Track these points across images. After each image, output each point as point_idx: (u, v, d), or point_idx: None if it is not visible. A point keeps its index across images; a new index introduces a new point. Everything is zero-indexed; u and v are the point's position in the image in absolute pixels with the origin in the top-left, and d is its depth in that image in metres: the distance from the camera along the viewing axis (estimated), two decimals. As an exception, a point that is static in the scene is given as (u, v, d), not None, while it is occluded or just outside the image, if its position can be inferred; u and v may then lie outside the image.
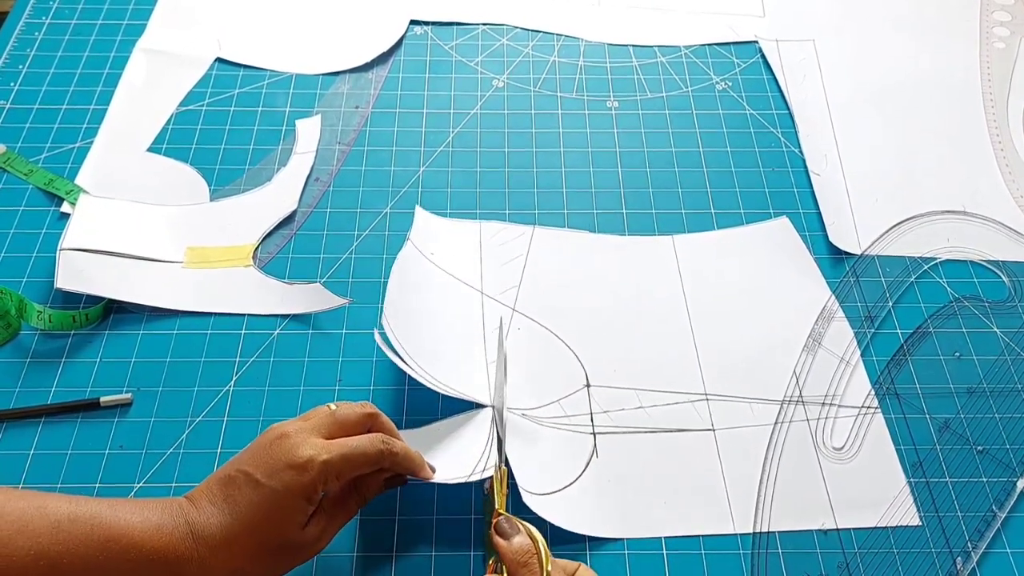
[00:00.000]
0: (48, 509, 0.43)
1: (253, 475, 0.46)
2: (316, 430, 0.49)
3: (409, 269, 0.67)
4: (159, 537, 0.44)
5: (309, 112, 0.81)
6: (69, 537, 0.43)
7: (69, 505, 0.44)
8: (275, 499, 0.46)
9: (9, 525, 0.42)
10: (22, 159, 0.76)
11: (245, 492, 0.46)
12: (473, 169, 0.77)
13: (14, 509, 0.43)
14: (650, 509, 0.57)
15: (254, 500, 0.46)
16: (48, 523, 0.43)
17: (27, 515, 0.43)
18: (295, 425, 0.49)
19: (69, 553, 0.42)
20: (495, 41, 0.88)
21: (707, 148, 0.79)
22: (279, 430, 0.49)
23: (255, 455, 0.48)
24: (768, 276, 0.70)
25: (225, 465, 0.49)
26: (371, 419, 0.52)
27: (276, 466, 0.47)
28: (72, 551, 0.42)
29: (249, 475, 0.46)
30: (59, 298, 0.66)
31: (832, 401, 0.62)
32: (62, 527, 0.43)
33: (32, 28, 0.87)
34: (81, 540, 0.43)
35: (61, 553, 0.42)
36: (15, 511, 0.43)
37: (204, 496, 0.47)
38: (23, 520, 0.42)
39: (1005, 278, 0.70)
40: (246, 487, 0.46)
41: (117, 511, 0.45)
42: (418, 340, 0.62)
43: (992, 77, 0.86)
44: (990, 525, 0.56)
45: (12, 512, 0.43)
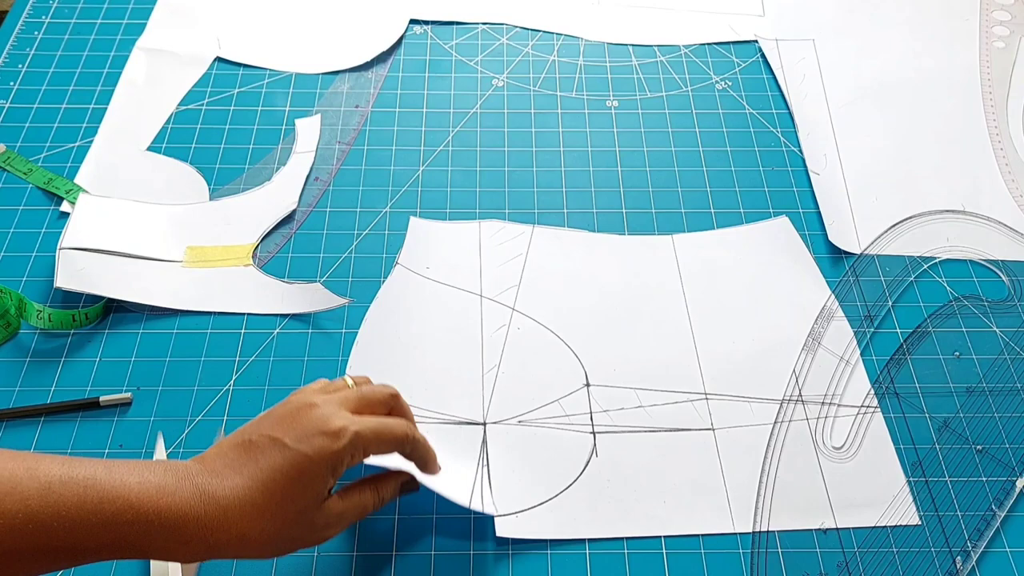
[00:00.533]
0: (39, 471, 0.41)
1: (280, 439, 0.45)
2: (343, 403, 0.48)
3: (395, 298, 0.67)
4: (160, 497, 0.42)
5: (309, 111, 0.81)
6: (60, 499, 0.41)
7: (62, 467, 0.42)
8: (303, 463, 0.44)
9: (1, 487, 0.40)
10: (22, 158, 0.76)
11: (269, 455, 0.45)
12: (473, 168, 0.77)
13: (3, 470, 0.41)
14: (650, 508, 0.57)
15: (278, 463, 0.44)
16: (38, 484, 0.41)
17: (16, 476, 0.41)
18: (320, 396, 0.48)
19: (60, 516, 0.40)
20: (495, 40, 0.88)
21: (707, 147, 0.79)
22: (305, 399, 0.48)
23: (280, 421, 0.46)
24: (768, 275, 0.70)
25: (239, 432, 0.47)
26: (394, 400, 0.51)
27: (306, 432, 0.45)
28: (63, 514, 0.40)
29: (276, 439, 0.45)
30: (59, 297, 0.66)
31: (832, 400, 0.62)
32: (53, 489, 0.41)
33: (32, 27, 0.87)
34: (73, 502, 0.41)
35: (52, 516, 0.40)
36: (4, 472, 0.41)
37: (217, 459, 0.45)
38: (12, 482, 0.40)
39: (1004, 277, 0.70)
40: (271, 450, 0.45)
41: (113, 472, 0.42)
42: (399, 373, 0.62)
43: (992, 77, 0.86)
44: (989, 524, 0.56)
45: (1, 473, 0.40)
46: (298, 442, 0.45)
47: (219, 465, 0.45)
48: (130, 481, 0.42)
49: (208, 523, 0.43)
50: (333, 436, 0.45)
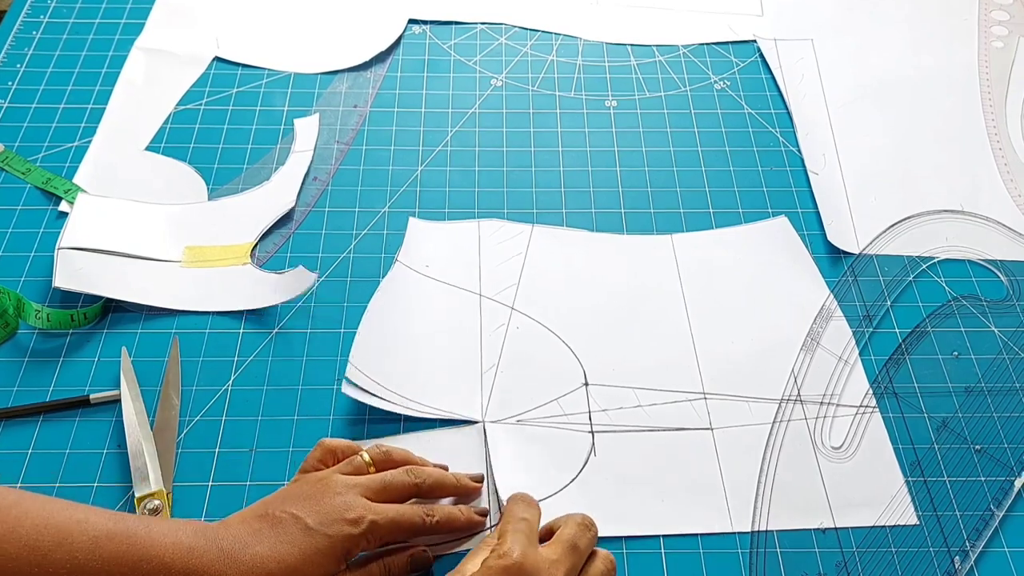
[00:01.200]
0: (88, 524, 0.45)
1: (303, 519, 0.48)
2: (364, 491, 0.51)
3: (393, 295, 0.67)
4: (190, 559, 0.46)
5: (307, 111, 0.81)
6: (105, 554, 0.44)
7: (107, 522, 0.45)
8: (322, 544, 0.48)
9: (50, 538, 0.43)
10: (20, 158, 0.76)
11: (290, 531, 0.48)
12: (471, 168, 0.77)
13: (55, 522, 0.44)
14: (648, 508, 0.57)
15: (298, 540, 0.48)
16: (87, 539, 0.44)
17: (67, 528, 0.44)
18: (343, 481, 0.51)
19: (104, 571, 0.44)
20: (493, 40, 0.88)
21: (705, 147, 0.79)
22: (329, 483, 0.51)
23: (304, 501, 0.49)
24: (766, 275, 0.70)
25: (262, 504, 0.50)
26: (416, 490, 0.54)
27: (328, 517, 0.49)
28: (107, 569, 0.44)
29: (299, 518, 0.48)
30: (57, 297, 0.66)
31: (830, 400, 0.62)
32: (100, 544, 0.44)
33: (30, 27, 0.87)
34: (116, 558, 0.44)
35: (97, 570, 0.44)
36: (55, 524, 0.44)
37: (241, 526, 0.49)
38: (63, 534, 0.44)
39: (1003, 277, 0.70)
40: (292, 527, 0.48)
41: (152, 531, 0.46)
42: (399, 370, 0.63)
43: (990, 76, 0.86)
44: (988, 524, 0.57)
45: (53, 525, 0.44)
46: (319, 524, 0.48)
47: (242, 532, 0.48)
48: (165, 542, 0.46)
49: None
50: (352, 523, 0.49)
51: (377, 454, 0.54)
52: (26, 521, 0.43)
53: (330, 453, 0.55)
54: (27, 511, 0.44)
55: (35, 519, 0.44)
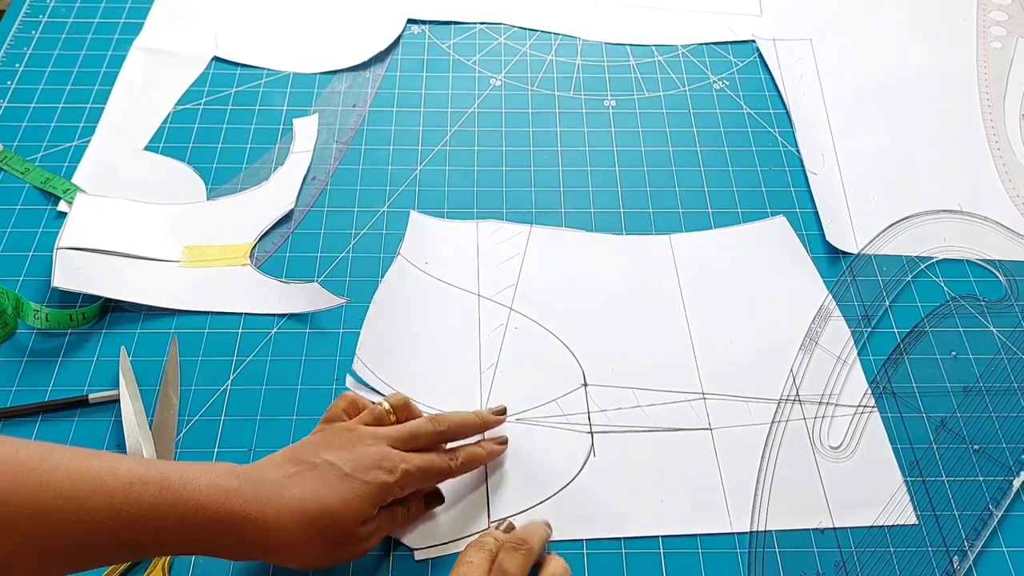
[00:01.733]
0: (121, 471, 0.44)
1: (339, 466, 0.49)
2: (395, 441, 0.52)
3: (396, 289, 0.67)
4: (227, 500, 0.46)
5: (306, 111, 0.81)
6: (140, 499, 0.44)
7: (140, 468, 0.45)
8: (360, 491, 0.49)
9: (86, 484, 0.43)
10: (19, 157, 0.76)
11: (330, 478, 0.49)
12: (470, 168, 0.77)
13: (89, 468, 0.44)
14: (647, 508, 0.57)
15: (338, 487, 0.48)
16: (122, 485, 0.44)
17: (100, 476, 0.44)
18: (372, 431, 0.53)
19: (140, 515, 0.44)
20: (492, 40, 0.88)
21: (704, 147, 0.79)
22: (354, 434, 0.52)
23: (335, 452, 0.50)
24: (765, 275, 0.70)
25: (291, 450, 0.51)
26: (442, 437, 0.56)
27: (364, 464, 0.50)
28: (143, 512, 0.44)
29: (335, 465, 0.49)
30: (56, 297, 0.66)
31: (829, 400, 0.62)
32: (135, 489, 0.44)
33: (29, 27, 0.87)
34: (151, 502, 0.44)
35: (133, 514, 0.44)
36: (90, 470, 0.44)
37: (277, 469, 0.49)
38: (98, 480, 0.43)
39: (1002, 277, 0.70)
40: (331, 474, 0.49)
41: (185, 475, 0.46)
42: (399, 369, 0.63)
43: (989, 77, 0.86)
44: (986, 524, 0.57)
45: (87, 472, 0.44)
46: (356, 471, 0.49)
47: (278, 475, 0.49)
48: (200, 484, 0.46)
49: (266, 526, 0.46)
50: (387, 472, 0.50)
51: (397, 402, 0.56)
52: (58, 472, 0.43)
53: (353, 404, 0.56)
54: (58, 462, 0.43)
55: (67, 469, 0.43)
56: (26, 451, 0.43)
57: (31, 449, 0.44)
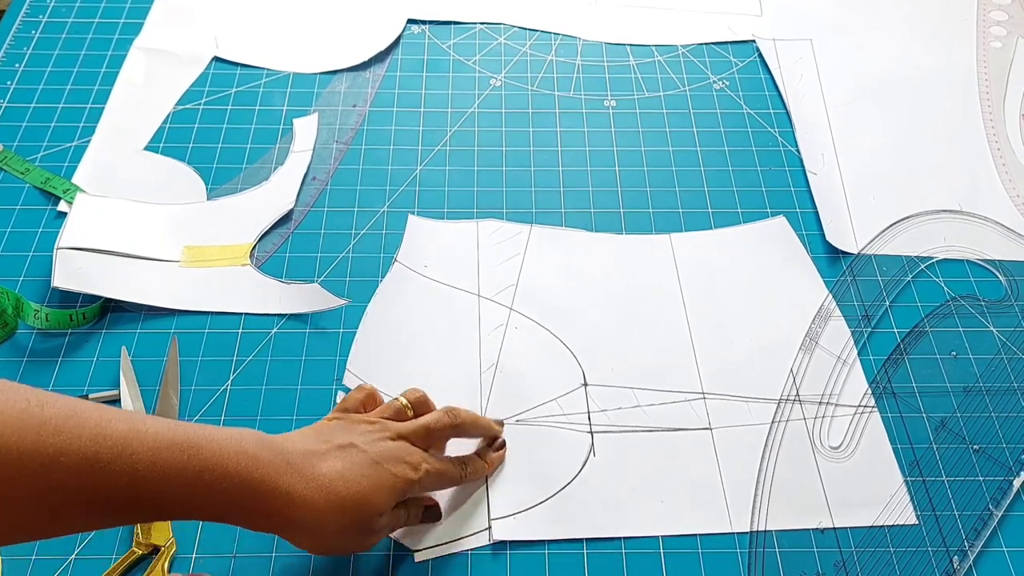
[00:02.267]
0: (148, 434, 0.43)
1: (369, 453, 0.49)
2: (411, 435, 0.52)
3: (392, 296, 0.67)
4: (256, 468, 0.45)
5: (306, 111, 0.81)
6: (166, 464, 0.43)
7: (167, 431, 0.44)
8: (387, 482, 0.49)
9: (109, 449, 0.42)
10: (19, 158, 0.76)
11: (360, 462, 0.49)
12: (470, 168, 0.77)
13: (116, 430, 0.42)
14: (647, 508, 0.57)
15: (369, 472, 0.48)
16: (147, 449, 0.43)
17: (126, 439, 0.43)
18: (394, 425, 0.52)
19: (165, 480, 0.43)
20: (492, 40, 0.88)
21: (704, 147, 0.79)
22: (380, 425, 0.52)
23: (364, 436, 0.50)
24: (765, 275, 0.70)
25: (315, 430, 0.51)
26: (457, 430, 0.56)
27: (393, 457, 0.50)
28: (168, 477, 0.43)
29: (365, 451, 0.49)
30: (56, 297, 0.66)
31: (829, 400, 0.62)
32: (160, 454, 0.43)
33: (29, 27, 0.87)
34: (179, 468, 0.43)
35: (158, 478, 0.43)
36: (116, 433, 0.42)
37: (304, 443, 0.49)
38: (124, 443, 0.42)
39: (1002, 277, 0.70)
40: (361, 459, 0.49)
41: (214, 441, 0.45)
42: (397, 372, 0.63)
43: (989, 76, 0.86)
44: (986, 524, 0.57)
45: (111, 436, 0.42)
46: (384, 461, 0.49)
47: (309, 450, 0.48)
48: (228, 451, 0.45)
49: (294, 499, 0.46)
50: (412, 468, 0.50)
51: (415, 398, 0.56)
52: (84, 432, 0.42)
53: (371, 397, 0.56)
54: (84, 422, 0.42)
55: (93, 429, 0.42)
56: (52, 408, 0.42)
57: (58, 406, 0.42)
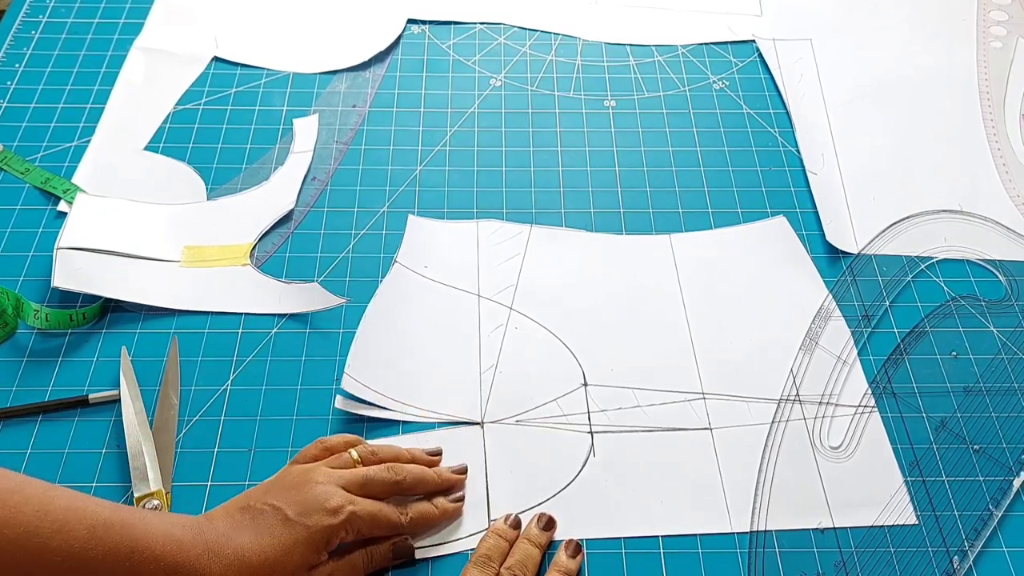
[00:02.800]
0: (86, 513, 0.45)
1: (284, 511, 0.50)
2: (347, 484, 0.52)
3: (392, 298, 0.67)
4: (179, 552, 0.47)
5: (306, 111, 0.81)
6: (101, 543, 0.45)
7: (105, 512, 0.46)
8: (301, 534, 0.49)
9: (49, 526, 0.44)
10: (19, 158, 0.76)
11: (272, 524, 0.49)
12: (470, 168, 0.77)
13: (55, 510, 0.45)
14: (647, 508, 0.57)
15: (278, 531, 0.49)
16: (84, 527, 0.45)
17: (65, 517, 0.45)
18: (324, 473, 0.52)
19: (99, 559, 0.45)
20: (492, 40, 0.88)
21: (704, 147, 0.79)
22: (309, 474, 0.52)
23: (285, 492, 0.51)
24: (765, 275, 0.70)
25: (245, 496, 0.52)
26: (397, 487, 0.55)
27: (310, 507, 0.50)
28: (102, 557, 0.45)
29: (279, 510, 0.50)
30: (56, 297, 0.66)
31: (829, 400, 0.62)
32: (96, 533, 0.45)
33: (29, 27, 0.87)
34: (112, 548, 0.45)
35: (93, 558, 0.45)
36: (55, 512, 0.45)
37: (225, 519, 0.50)
38: (61, 522, 0.44)
39: (1002, 277, 0.70)
40: (274, 519, 0.49)
41: (147, 522, 0.47)
42: (397, 374, 0.63)
43: (989, 76, 0.86)
44: (987, 524, 0.57)
45: (52, 512, 0.45)
46: (299, 515, 0.50)
47: (225, 526, 0.49)
48: (157, 534, 0.47)
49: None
50: (331, 513, 0.50)
51: (365, 452, 0.56)
52: (27, 508, 0.44)
53: (327, 452, 0.56)
54: (28, 498, 0.44)
55: (36, 506, 0.44)
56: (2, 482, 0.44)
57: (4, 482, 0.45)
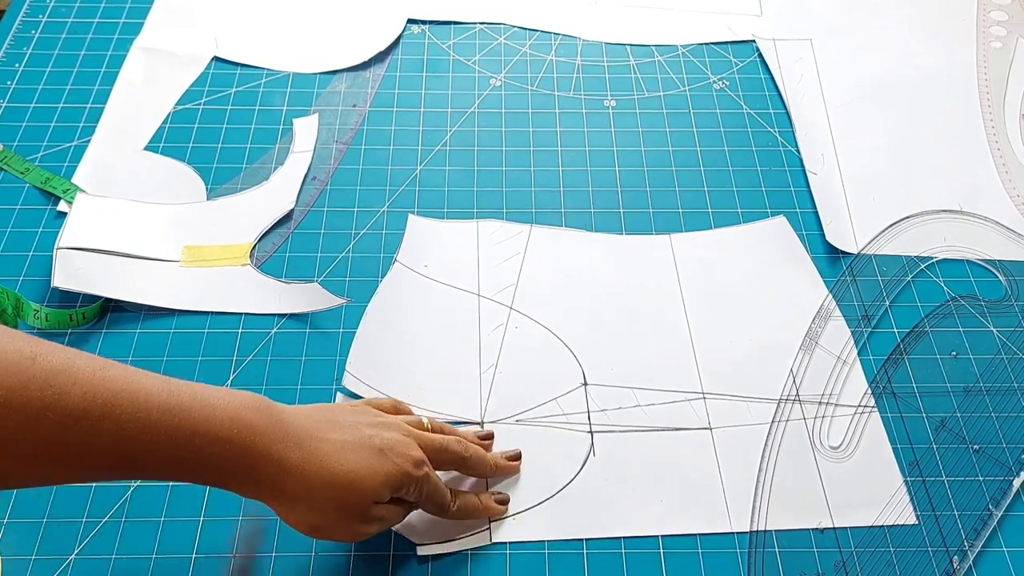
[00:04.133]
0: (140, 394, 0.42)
1: (374, 440, 0.49)
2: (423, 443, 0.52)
3: (392, 297, 0.67)
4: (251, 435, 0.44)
5: (306, 111, 0.81)
6: (156, 426, 0.42)
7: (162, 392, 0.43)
8: (387, 468, 0.48)
9: (100, 407, 0.41)
10: (19, 157, 0.76)
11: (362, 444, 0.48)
12: (470, 168, 0.77)
13: (104, 390, 0.41)
14: (647, 508, 0.57)
15: (367, 456, 0.48)
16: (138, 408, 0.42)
17: (116, 399, 0.42)
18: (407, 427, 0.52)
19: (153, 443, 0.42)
20: (493, 40, 0.88)
21: (704, 147, 0.79)
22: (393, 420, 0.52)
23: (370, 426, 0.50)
24: (765, 275, 0.70)
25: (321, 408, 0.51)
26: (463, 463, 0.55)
27: (397, 448, 0.49)
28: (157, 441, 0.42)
29: (370, 437, 0.49)
30: (56, 297, 0.66)
31: (829, 400, 0.62)
32: (150, 415, 0.42)
33: (29, 26, 0.87)
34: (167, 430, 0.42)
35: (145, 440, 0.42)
36: (108, 391, 0.41)
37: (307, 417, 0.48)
38: (114, 403, 0.41)
39: (1002, 277, 0.70)
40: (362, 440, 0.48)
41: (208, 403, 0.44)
42: (397, 373, 0.63)
43: (989, 76, 0.86)
44: (986, 524, 0.57)
45: (102, 393, 0.41)
46: (387, 449, 0.49)
47: (309, 422, 0.48)
48: (224, 417, 0.44)
49: (287, 472, 0.45)
50: (415, 465, 0.50)
51: (436, 425, 0.56)
52: (74, 389, 0.41)
53: (395, 409, 0.56)
54: (76, 378, 0.41)
55: (84, 386, 0.41)
56: (44, 361, 0.41)
57: (51, 359, 0.41)
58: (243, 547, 0.55)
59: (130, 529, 0.55)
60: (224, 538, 0.55)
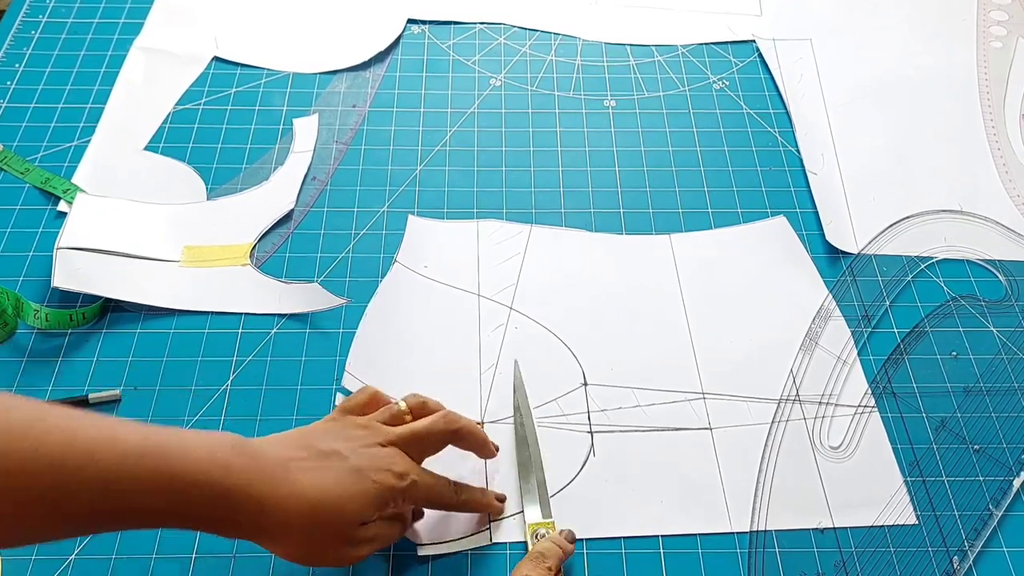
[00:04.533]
0: (118, 440, 0.42)
1: (350, 460, 0.48)
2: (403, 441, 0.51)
3: (392, 297, 0.67)
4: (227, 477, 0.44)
5: (306, 111, 0.81)
6: (136, 472, 0.42)
7: (138, 437, 0.43)
8: (366, 489, 0.48)
9: (77, 456, 0.41)
10: (19, 157, 0.76)
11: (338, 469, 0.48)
12: (470, 168, 0.77)
13: (82, 439, 0.41)
14: (647, 508, 0.57)
15: (345, 480, 0.47)
16: (116, 455, 0.42)
17: (94, 446, 0.41)
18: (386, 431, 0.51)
19: (134, 488, 0.42)
20: (492, 40, 0.88)
21: (704, 147, 0.79)
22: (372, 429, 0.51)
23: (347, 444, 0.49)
24: (765, 275, 0.70)
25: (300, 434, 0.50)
26: (453, 436, 0.54)
27: (376, 464, 0.49)
28: (138, 487, 0.42)
29: (346, 458, 0.48)
30: (56, 297, 0.66)
31: (829, 400, 0.62)
32: (130, 460, 0.42)
33: (29, 27, 0.87)
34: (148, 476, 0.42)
35: (127, 488, 0.42)
36: (82, 440, 0.41)
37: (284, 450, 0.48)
38: (92, 450, 0.41)
39: (1002, 277, 0.70)
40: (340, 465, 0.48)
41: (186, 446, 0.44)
42: (397, 373, 0.63)
43: (989, 76, 0.86)
44: (987, 524, 0.57)
45: (79, 442, 0.41)
46: (366, 468, 0.48)
47: (284, 455, 0.47)
48: (200, 456, 0.44)
49: (265, 508, 0.45)
50: (398, 477, 0.49)
51: (414, 403, 0.55)
52: (50, 439, 0.40)
53: (374, 400, 0.55)
54: (51, 428, 0.41)
55: (60, 436, 0.41)
56: (18, 413, 0.41)
57: (24, 411, 0.41)
58: None
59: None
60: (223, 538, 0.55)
